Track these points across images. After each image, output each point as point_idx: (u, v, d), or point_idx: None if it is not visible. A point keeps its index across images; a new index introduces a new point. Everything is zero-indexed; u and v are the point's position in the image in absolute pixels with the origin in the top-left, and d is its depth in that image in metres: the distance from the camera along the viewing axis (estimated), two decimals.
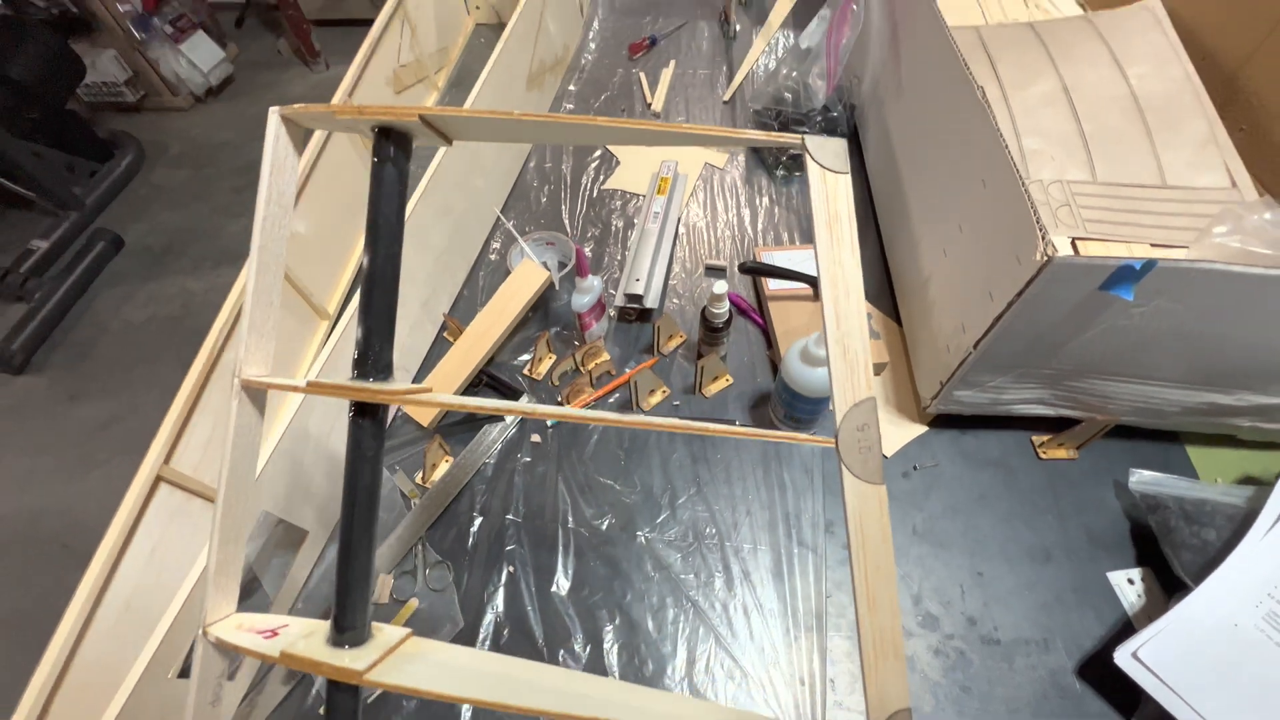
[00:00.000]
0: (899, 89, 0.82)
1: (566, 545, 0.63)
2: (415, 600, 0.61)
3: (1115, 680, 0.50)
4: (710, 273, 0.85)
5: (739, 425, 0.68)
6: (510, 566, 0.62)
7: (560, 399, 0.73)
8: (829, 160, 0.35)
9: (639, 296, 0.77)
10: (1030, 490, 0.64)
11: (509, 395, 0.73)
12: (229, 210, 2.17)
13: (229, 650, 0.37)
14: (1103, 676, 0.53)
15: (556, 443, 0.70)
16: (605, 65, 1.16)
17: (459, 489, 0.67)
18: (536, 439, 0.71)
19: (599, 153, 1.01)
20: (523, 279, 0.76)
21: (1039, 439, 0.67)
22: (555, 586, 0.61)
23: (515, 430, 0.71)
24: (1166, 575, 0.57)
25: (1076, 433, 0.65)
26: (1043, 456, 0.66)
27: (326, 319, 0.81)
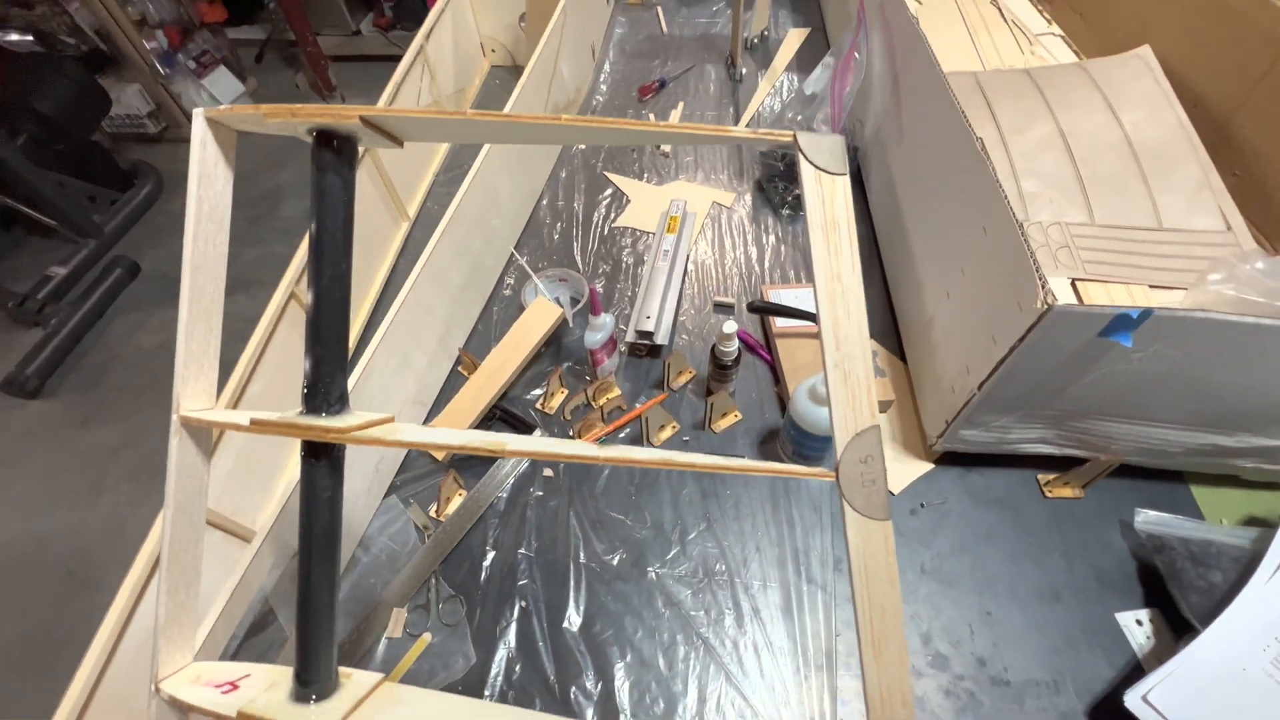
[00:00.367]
0: (901, 135, 0.85)
1: (578, 580, 0.64)
2: (428, 635, 0.61)
3: None
4: (719, 309, 0.87)
5: (743, 460, 0.70)
6: (522, 601, 0.63)
7: (572, 434, 0.74)
8: (824, 160, 0.32)
9: (649, 333, 0.79)
10: (1037, 529, 0.65)
11: (522, 430, 0.75)
12: (244, 238, 2.21)
13: (183, 708, 0.34)
14: (1113, 719, 0.53)
15: (568, 477, 0.72)
16: (616, 106, 1.21)
17: (472, 523, 0.68)
18: (549, 473, 0.72)
19: (610, 191, 1.04)
20: (536, 316, 0.78)
21: (1044, 477, 0.68)
22: (567, 622, 0.61)
23: (528, 464, 0.73)
24: (1175, 616, 0.58)
25: (1082, 472, 0.66)
26: (1048, 495, 0.67)
27: None
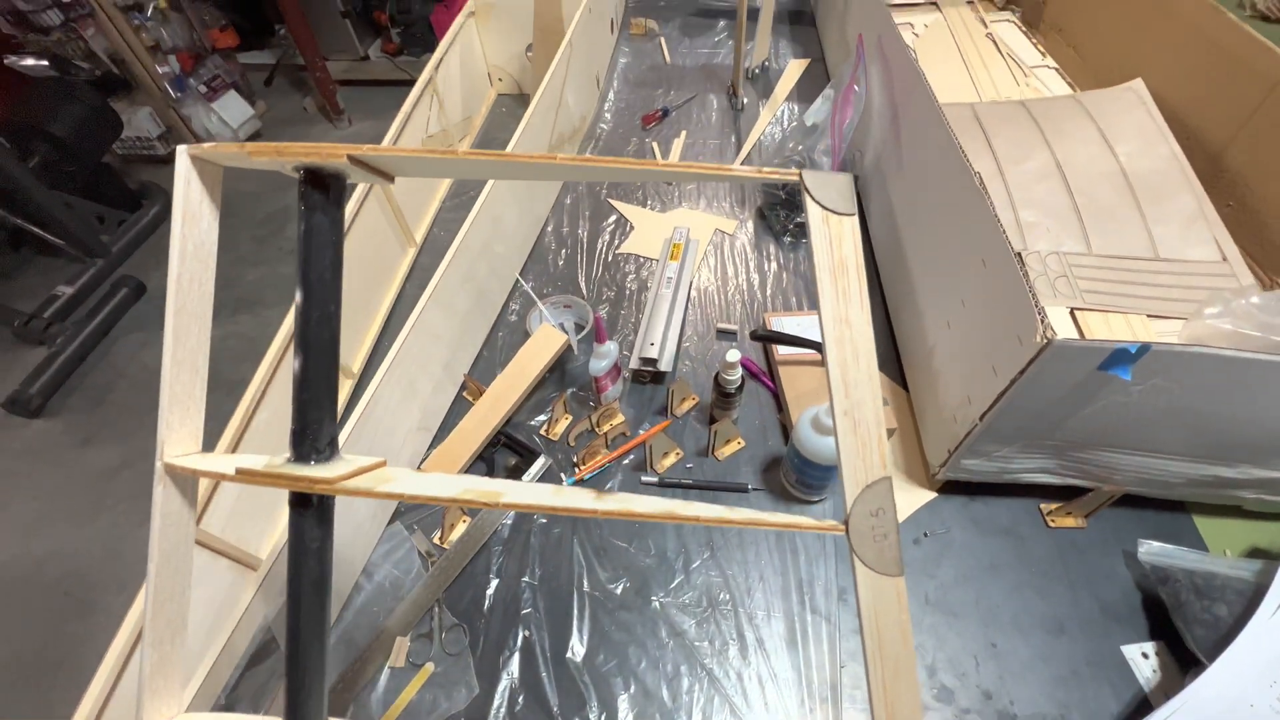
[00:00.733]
0: (900, 166, 0.87)
1: (582, 609, 0.64)
2: (431, 665, 0.61)
3: None
4: (722, 336, 0.87)
5: (748, 512, 0.70)
6: (526, 631, 0.63)
7: (576, 460, 0.74)
8: (832, 199, 0.30)
9: (653, 360, 0.80)
10: (1041, 559, 0.65)
11: (526, 455, 0.75)
12: (250, 259, 2.24)
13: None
14: None
15: None
16: (620, 134, 1.23)
17: (476, 550, 0.68)
18: None
19: (614, 217, 1.05)
20: (541, 342, 0.79)
21: (1047, 507, 0.68)
22: (570, 652, 0.61)
23: None
24: (1181, 648, 0.57)
25: (1084, 502, 0.66)
26: (1051, 525, 0.67)
27: (351, 378, 0.83)
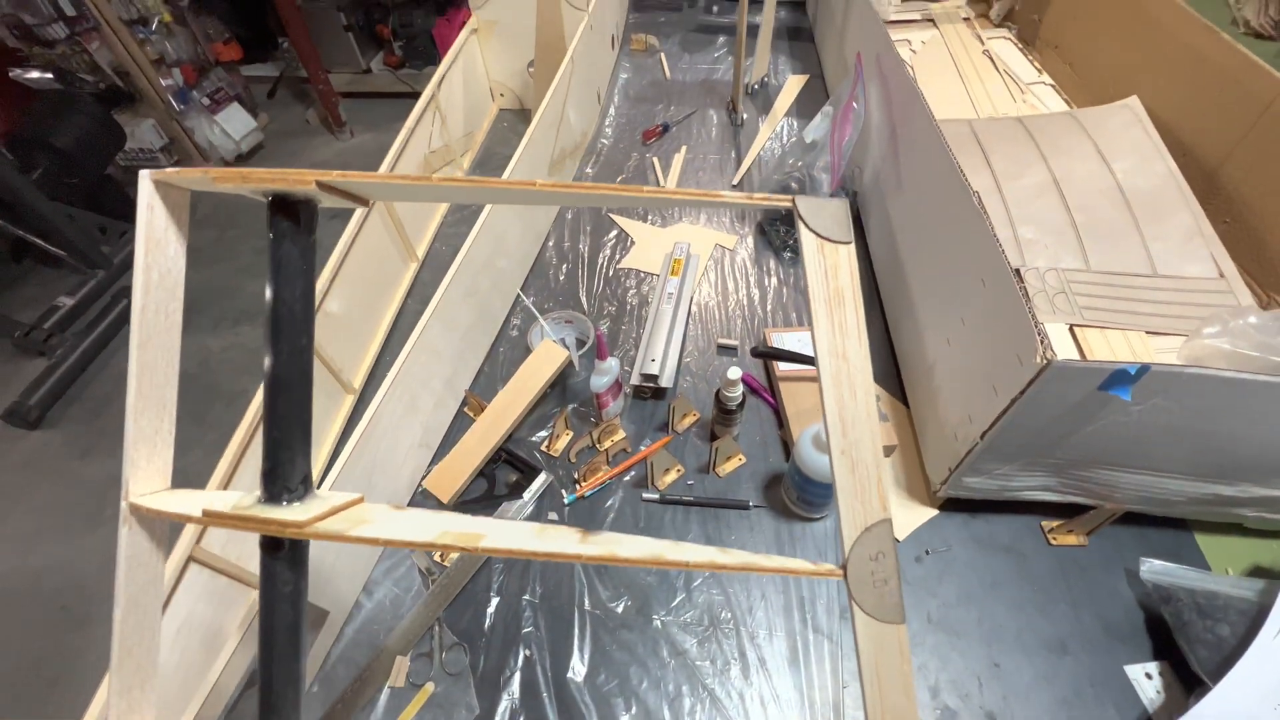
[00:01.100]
0: (899, 183, 0.87)
1: (583, 628, 0.64)
2: (431, 684, 0.61)
3: None
4: (722, 351, 0.88)
5: (742, 555, 0.70)
6: (527, 650, 0.63)
7: (577, 476, 0.74)
8: (826, 226, 0.29)
9: (654, 376, 0.80)
10: (1043, 577, 0.65)
11: (527, 472, 0.75)
12: (250, 270, 2.24)
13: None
14: None
15: (573, 521, 0.72)
16: (621, 149, 1.24)
17: (476, 568, 0.68)
18: (554, 517, 0.72)
19: (614, 232, 1.06)
20: (543, 358, 0.79)
21: (1049, 524, 0.68)
22: (571, 672, 0.61)
23: (533, 508, 0.73)
24: (1184, 668, 0.57)
25: (1086, 519, 0.66)
26: (1053, 542, 0.67)
27: (352, 393, 0.83)
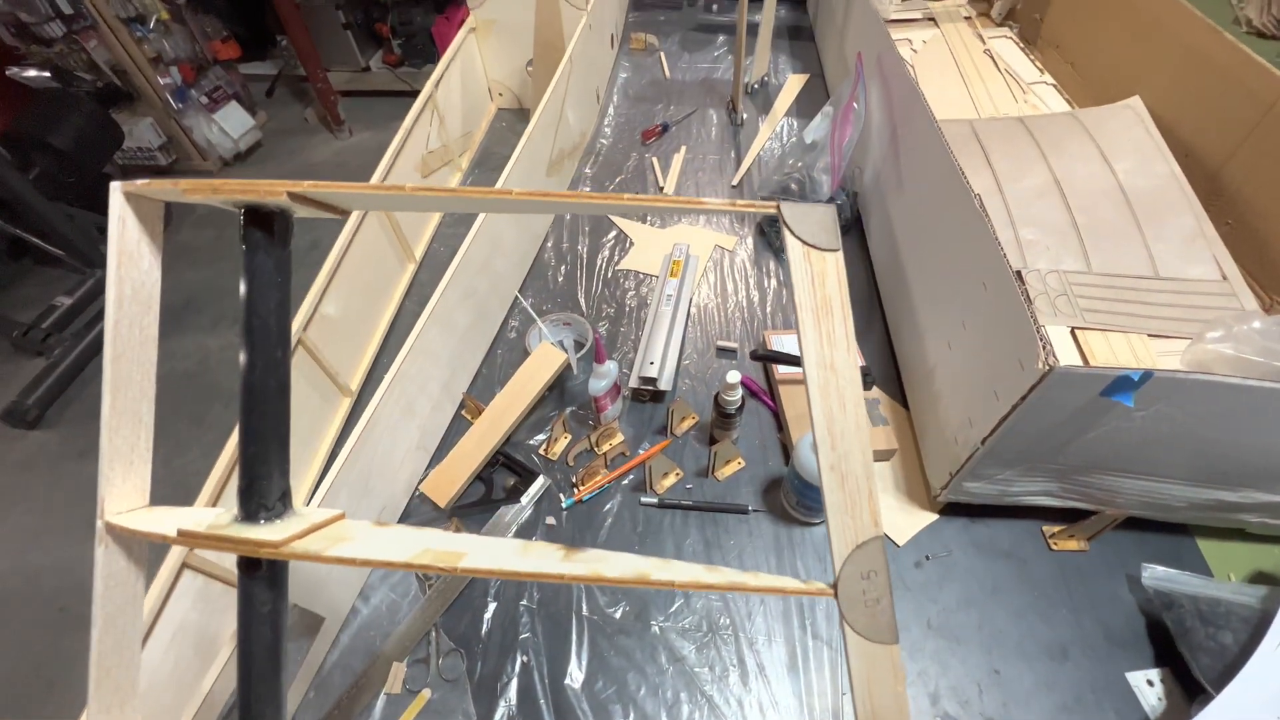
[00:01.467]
0: (900, 185, 0.87)
1: (580, 634, 0.63)
2: (428, 691, 0.60)
3: None
4: (722, 354, 0.87)
5: (729, 574, 0.69)
6: (524, 655, 0.62)
7: (575, 480, 0.74)
8: (812, 233, 0.28)
9: (653, 379, 0.79)
10: (1043, 582, 0.65)
11: (524, 475, 0.75)
12: None
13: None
14: None
15: (571, 526, 0.71)
16: (620, 150, 1.23)
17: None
18: (551, 521, 0.71)
19: (613, 233, 1.05)
20: (541, 361, 0.79)
21: (1050, 529, 0.68)
22: (569, 678, 0.61)
23: (530, 512, 0.72)
24: (1186, 675, 0.57)
25: (1087, 525, 0.65)
26: (1054, 548, 0.67)
27: (349, 396, 0.83)
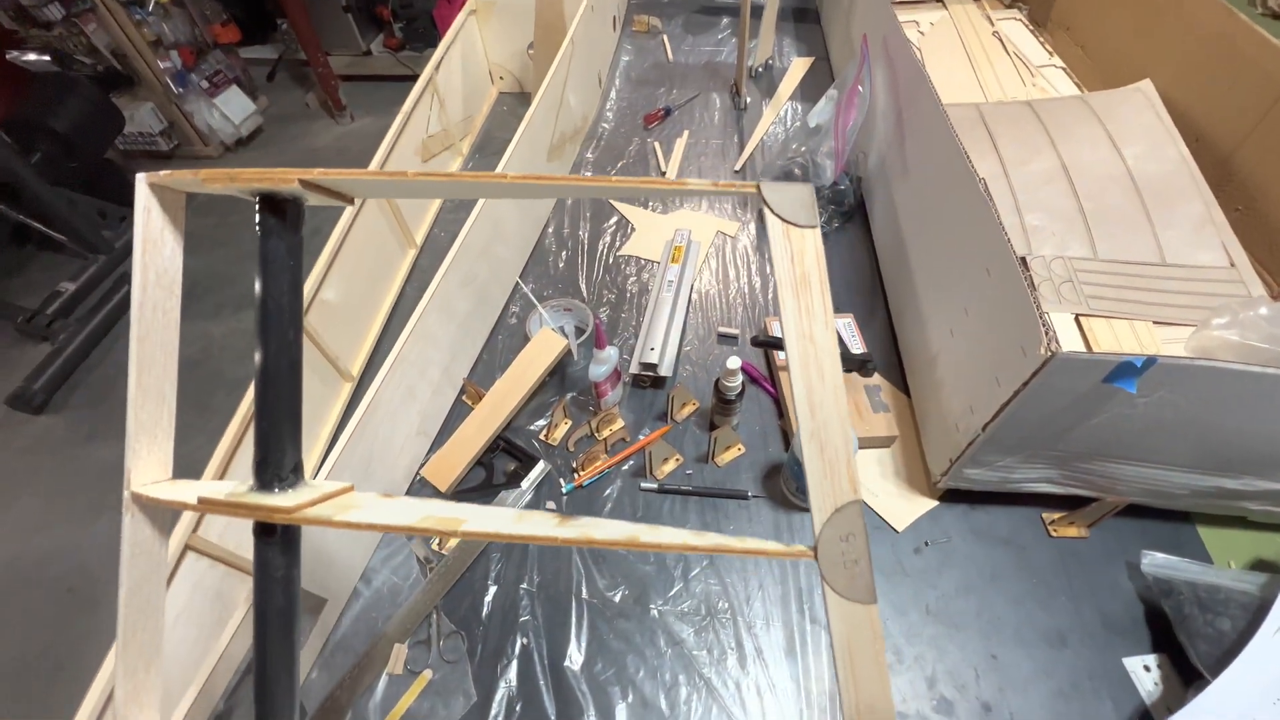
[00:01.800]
0: (905, 170, 0.86)
1: (580, 617, 0.64)
2: (429, 672, 0.61)
3: None
4: (723, 340, 0.87)
5: (714, 537, 0.70)
6: (524, 638, 0.63)
7: (575, 465, 0.74)
8: (791, 211, 0.29)
9: (653, 365, 0.79)
10: (1042, 569, 0.65)
11: (525, 461, 0.75)
12: (252, 256, 2.21)
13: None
14: None
15: (572, 510, 0.71)
16: (622, 134, 1.22)
17: (474, 556, 0.68)
18: (551, 506, 0.72)
19: (615, 219, 1.05)
20: (541, 347, 0.79)
21: (1050, 516, 0.68)
22: (568, 660, 0.61)
23: (531, 497, 0.73)
24: (1183, 662, 0.57)
25: (1087, 512, 0.65)
26: (1054, 534, 0.67)
27: (350, 381, 0.83)
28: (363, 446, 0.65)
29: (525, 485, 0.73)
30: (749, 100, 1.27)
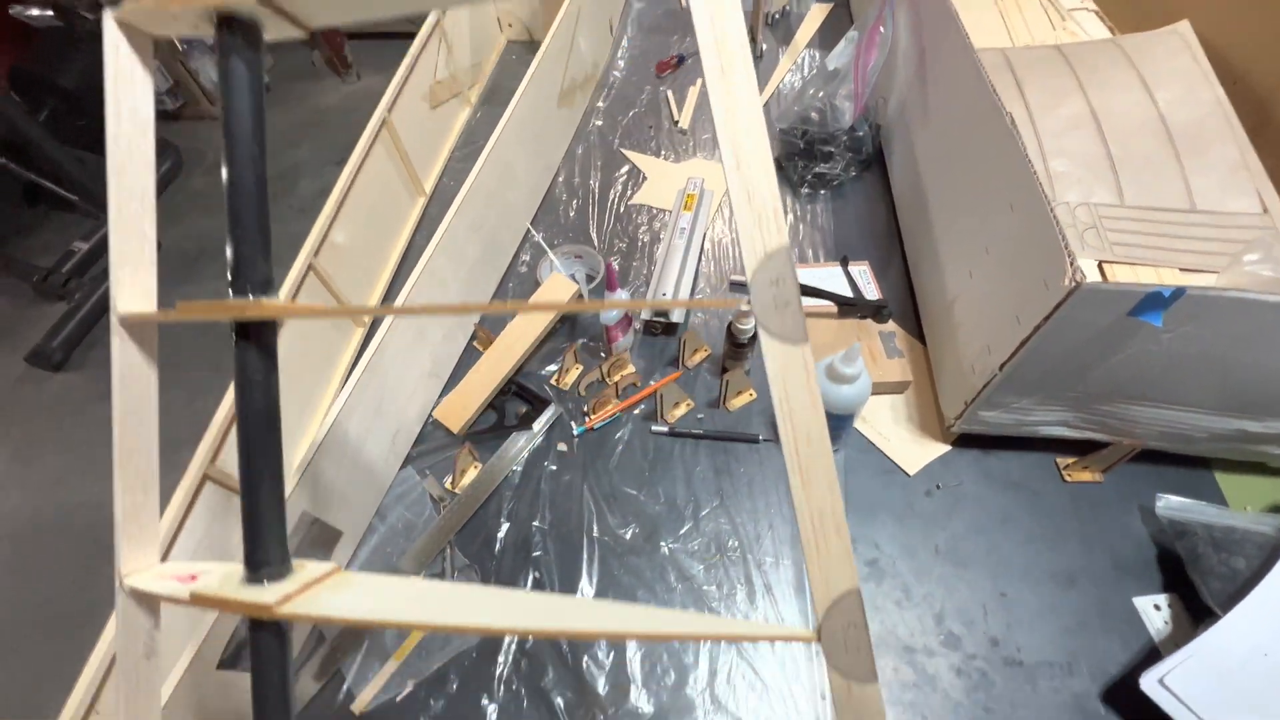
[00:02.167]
0: (926, 112, 0.83)
1: (591, 554, 0.65)
2: None
3: (1141, 706, 0.50)
4: (735, 289, 0.86)
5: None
6: (536, 572, 0.64)
7: (586, 409, 0.74)
8: None
9: (665, 312, 0.78)
10: (1054, 513, 0.64)
11: (536, 404, 0.75)
12: None
13: (148, 600, 0.35)
14: (1128, 702, 0.53)
15: (583, 452, 0.72)
16: (634, 82, 1.19)
17: (487, 495, 0.69)
18: (563, 448, 0.72)
19: (626, 168, 1.03)
20: (552, 291, 0.78)
21: (1064, 461, 0.67)
22: (580, 593, 0.62)
23: (543, 439, 0.73)
24: (1194, 602, 0.57)
25: (1102, 456, 0.65)
26: (1067, 479, 0.66)
27: (362, 326, 0.83)
28: (374, 385, 0.65)
29: (536, 428, 0.73)
30: (765, 48, 1.23)
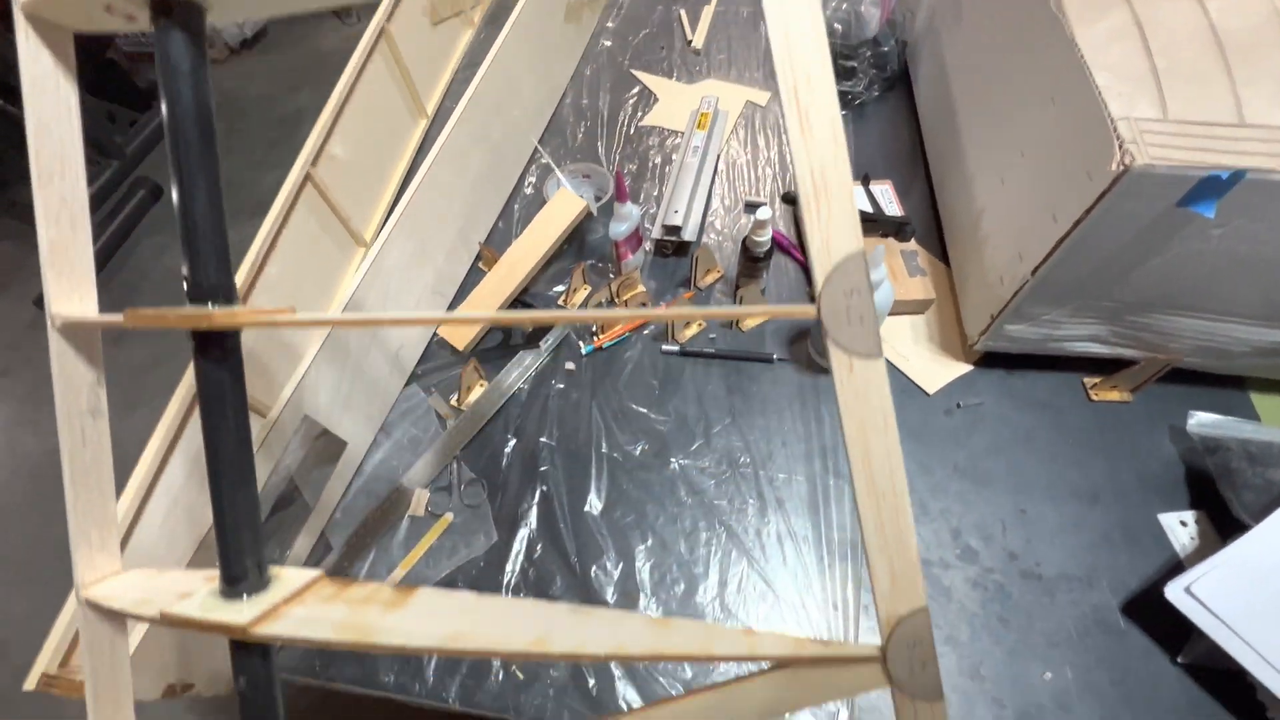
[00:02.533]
0: (958, 15, 0.77)
1: (600, 469, 0.63)
2: (450, 515, 0.62)
3: (1163, 617, 0.48)
4: (750, 210, 0.82)
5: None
6: (544, 486, 0.63)
7: (595, 329, 0.72)
8: None
9: (677, 228, 0.75)
10: (1079, 431, 0.62)
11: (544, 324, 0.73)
12: (263, 163, 2.18)
13: (110, 615, 0.32)
14: (1149, 613, 0.52)
15: (590, 371, 0.70)
16: (645, 1, 1.13)
17: (493, 412, 0.67)
18: (570, 366, 0.70)
19: (637, 89, 0.98)
20: (559, 208, 0.75)
21: (1090, 380, 0.65)
22: (588, 506, 0.61)
23: (550, 358, 0.71)
24: (1223, 519, 0.55)
25: (1132, 374, 0.62)
26: (1094, 398, 0.64)
27: (364, 246, 0.81)
28: (374, 293, 0.63)
29: (543, 346, 0.71)
30: None
